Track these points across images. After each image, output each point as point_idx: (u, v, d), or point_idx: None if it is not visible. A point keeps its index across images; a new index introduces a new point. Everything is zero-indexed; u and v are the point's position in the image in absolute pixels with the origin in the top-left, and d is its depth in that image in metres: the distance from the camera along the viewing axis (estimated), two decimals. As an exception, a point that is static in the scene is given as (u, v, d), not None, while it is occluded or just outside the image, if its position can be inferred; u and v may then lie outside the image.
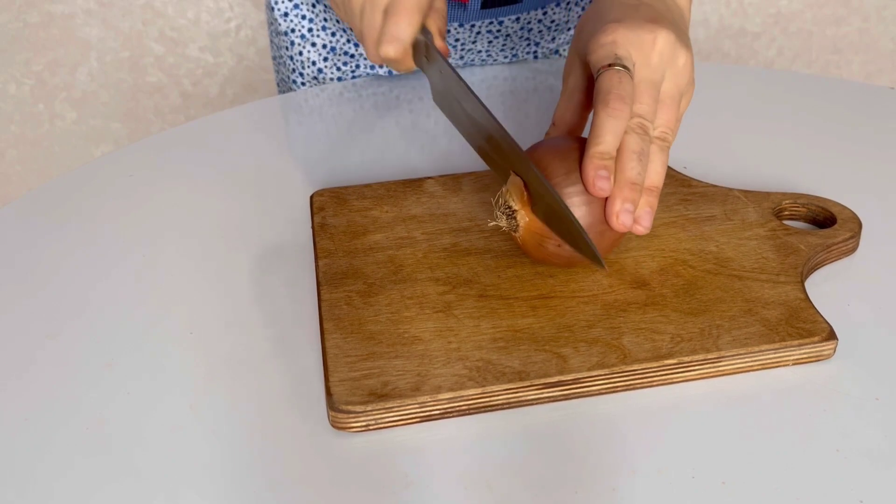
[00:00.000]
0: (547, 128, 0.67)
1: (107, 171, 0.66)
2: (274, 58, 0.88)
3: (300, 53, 0.81)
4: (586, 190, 0.46)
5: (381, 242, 0.53)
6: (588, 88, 0.52)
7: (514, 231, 0.48)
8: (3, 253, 0.57)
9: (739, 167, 0.62)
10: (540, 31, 0.81)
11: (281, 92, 0.89)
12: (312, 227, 0.55)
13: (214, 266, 0.55)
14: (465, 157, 0.64)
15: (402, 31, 0.50)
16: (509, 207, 0.47)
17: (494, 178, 0.59)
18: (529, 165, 0.46)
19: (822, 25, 1.57)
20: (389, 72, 0.81)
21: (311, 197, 0.58)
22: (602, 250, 0.48)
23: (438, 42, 0.52)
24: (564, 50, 0.84)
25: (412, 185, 0.59)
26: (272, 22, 0.83)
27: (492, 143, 0.49)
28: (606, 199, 0.46)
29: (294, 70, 0.83)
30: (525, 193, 0.47)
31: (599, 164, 0.45)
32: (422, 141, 0.69)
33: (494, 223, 0.48)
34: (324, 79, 0.82)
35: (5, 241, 0.58)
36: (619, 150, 0.46)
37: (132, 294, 0.52)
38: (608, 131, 0.45)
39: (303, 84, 0.83)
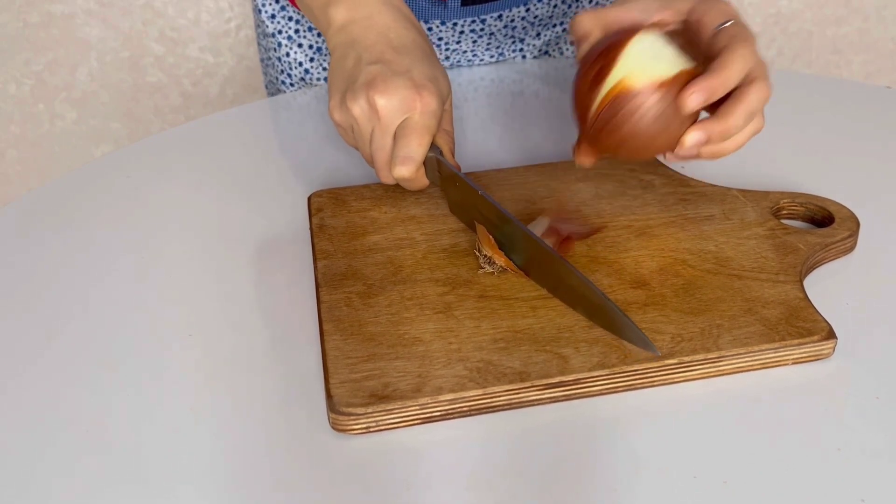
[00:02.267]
0: (532, 133, 0.68)
1: (107, 172, 0.66)
2: (262, 60, 0.88)
3: (287, 55, 0.82)
4: (673, 99, 0.46)
5: (381, 243, 0.53)
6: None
7: (503, 271, 0.50)
8: (3, 253, 0.57)
9: (738, 166, 0.62)
10: (524, 28, 0.81)
11: (269, 94, 0.89)
12: (311, 229, 0.55)
13: (214, 267, 0.55)
14: (463, 157, 0.64)
15: (414, 151, 0.52)
16: (485, 256, 0.50)
17: (492, 178, 0.59)
18: (558, 259, 0.47)
19: (822, 25, 1.57)
20: None
21: (309, 198, 0.58)
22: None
23: (449, 159, 0.55)
24: (552, 48, 0.84)
25: (412, 185, 0.59)
26: (259, 24, 0.83)
27: (515, 245, 0.50)
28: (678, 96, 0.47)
29: (282, 71, 0.83)
30: (490, 238, 0.50)
31: (701, 88, 0.46)
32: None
33: (483, 271, 0.50)
34: (310, 79, 0.82)
35: (5, 241, 0.58)
36: (739, 94, 0.47)
37: (132, 295, 0.52)
38: (735, 67, 0.46)
39: (291, 85, 0.83)
